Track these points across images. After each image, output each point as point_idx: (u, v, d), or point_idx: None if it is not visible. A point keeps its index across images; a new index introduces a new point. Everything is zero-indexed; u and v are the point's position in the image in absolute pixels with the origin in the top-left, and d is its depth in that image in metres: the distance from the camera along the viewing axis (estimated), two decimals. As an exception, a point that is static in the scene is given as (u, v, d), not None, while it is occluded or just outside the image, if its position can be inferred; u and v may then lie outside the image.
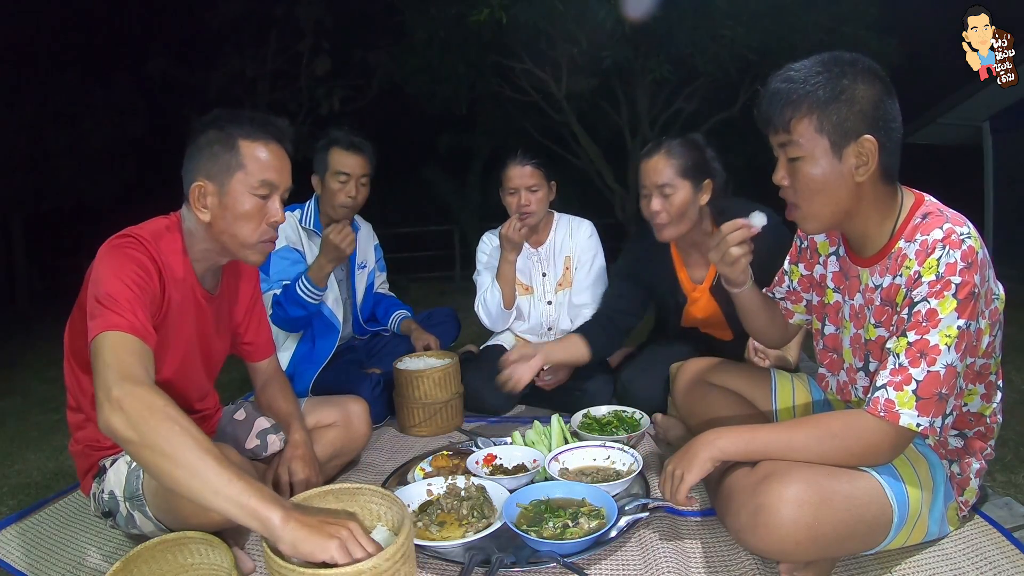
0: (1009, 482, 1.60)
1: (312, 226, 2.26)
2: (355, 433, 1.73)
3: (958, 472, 1.25)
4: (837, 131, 1.08)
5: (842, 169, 1.09)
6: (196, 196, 1.28)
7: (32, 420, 2.76)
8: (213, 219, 1.30)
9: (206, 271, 1.40)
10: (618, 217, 8.99)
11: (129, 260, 1.21)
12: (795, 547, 1.05)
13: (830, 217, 1.15)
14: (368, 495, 1.24)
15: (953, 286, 1.02)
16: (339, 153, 2.21)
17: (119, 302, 1.14)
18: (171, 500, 1.19)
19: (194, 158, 1.30)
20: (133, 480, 1.28)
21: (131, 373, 1.05)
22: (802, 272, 1.41)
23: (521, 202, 2.27)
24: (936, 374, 1.03)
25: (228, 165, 1.28)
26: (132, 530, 1.33)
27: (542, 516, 1.33)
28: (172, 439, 0.99)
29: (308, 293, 2.07)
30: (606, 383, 2.21)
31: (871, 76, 1.08)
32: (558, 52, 7.08)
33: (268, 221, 1.32)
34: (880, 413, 1.05)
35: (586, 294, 2.40)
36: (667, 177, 1.81)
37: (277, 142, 1.33)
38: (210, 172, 1.28)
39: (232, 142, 1.28)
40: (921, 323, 1.04)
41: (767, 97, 1.13)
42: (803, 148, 1.10)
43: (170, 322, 1.31)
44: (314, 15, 9.30)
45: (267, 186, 1.31)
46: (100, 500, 1.35)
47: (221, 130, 1.29)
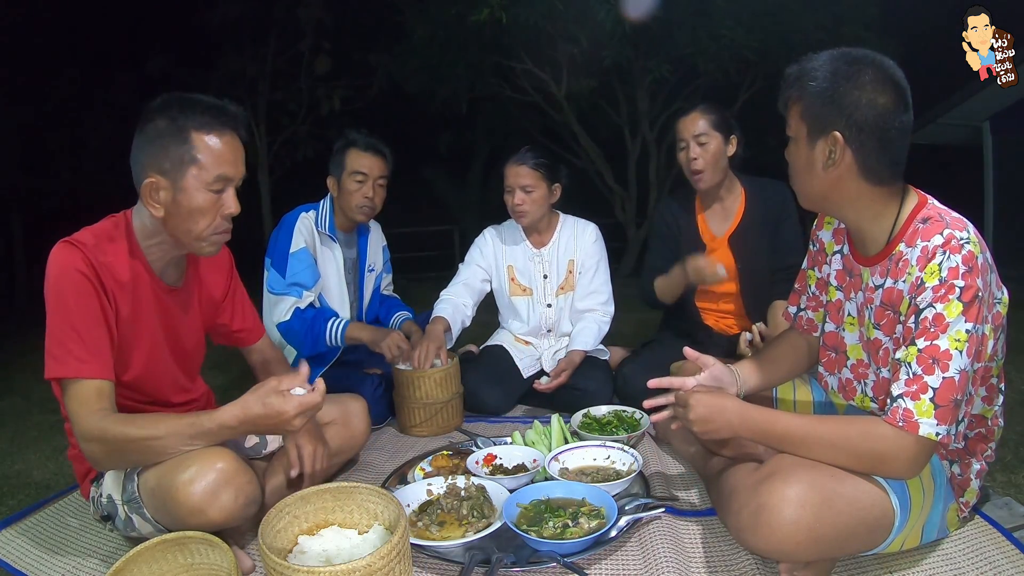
0: (1009, 482, 1.60)
1: (327, 230, 2.24)
2: (354, 431, 1.73)
3: (959, 473, 1.25)
4: (815, 122, 1.13)
5: (812, 158, 1.15)
6: (148, 193, 1.24)
7: (32, 420, 2.76)
8: (167, 215, 1.26)
9: (166, 265, 1.38)
10: (618, 217, 8.99)
11: (67, 286, 1.21)
12: (796, 547, 1.05)
13: (809, 196, 1.22)
14: (364, 494, 1.24)
15: (957, 290, 1.02)
16: (357, 154, 2.21)
17: (65, 344, 1.20)
18: (167, 500, 1.19)
19: (143, 150, 1.24)
20: (129, 484, 1.28)
21: (89, 423, 1.18)
22: (817, 275, 1.42)
23: (515, 201, 2.27)
24: (952, 380, 1.02)
25: (181, 159, 1.22)
26: (131, 532, 1.33)
27: (542, 516, 1.33)
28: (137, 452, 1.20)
29: (333, 341, 2.12)
30: (606, 383, 2.21)
31: (877, 82, 1.08)
32: (558, 52, 7.08)
33: (223, 214, 1.29)
34: (899, 423, 1.04)
35: (589, 300, 2.38)
36: (702, 128, 2.07)
37: (232, 131, 1.28)
38: (162, 167, 1.23)
39: (184, 135, 1.22)
40: (929, 329, 1.04)
41: (784, 78, 1.20)
42: (791, 129, 1.19)
43: (125, 323, 1.30)
44: (314, 15, 9.28)
45: (222, 180, 1.26)
46: (99, 504, 1.35)
47: (172, 121, 1.22)
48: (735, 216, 2.18)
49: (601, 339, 2.37)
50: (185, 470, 1.18)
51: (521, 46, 7.14)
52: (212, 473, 1.17)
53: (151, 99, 1.28)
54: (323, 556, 1.16)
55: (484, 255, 2.44)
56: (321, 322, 2.11)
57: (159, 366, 1.41)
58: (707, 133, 2.07)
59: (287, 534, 1.20)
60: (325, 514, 1.25)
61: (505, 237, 2.45)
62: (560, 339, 2.45)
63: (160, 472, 1.21)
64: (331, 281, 2.26)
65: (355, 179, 2.20)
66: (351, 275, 2.36)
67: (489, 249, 2.44)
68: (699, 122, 2.07)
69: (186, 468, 1.18)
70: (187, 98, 1.25)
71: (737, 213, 2.17)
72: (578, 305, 2.40)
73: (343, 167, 2.22)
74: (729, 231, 2.18)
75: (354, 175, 2.20)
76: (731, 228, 2.18)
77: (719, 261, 2.10)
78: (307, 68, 9.81)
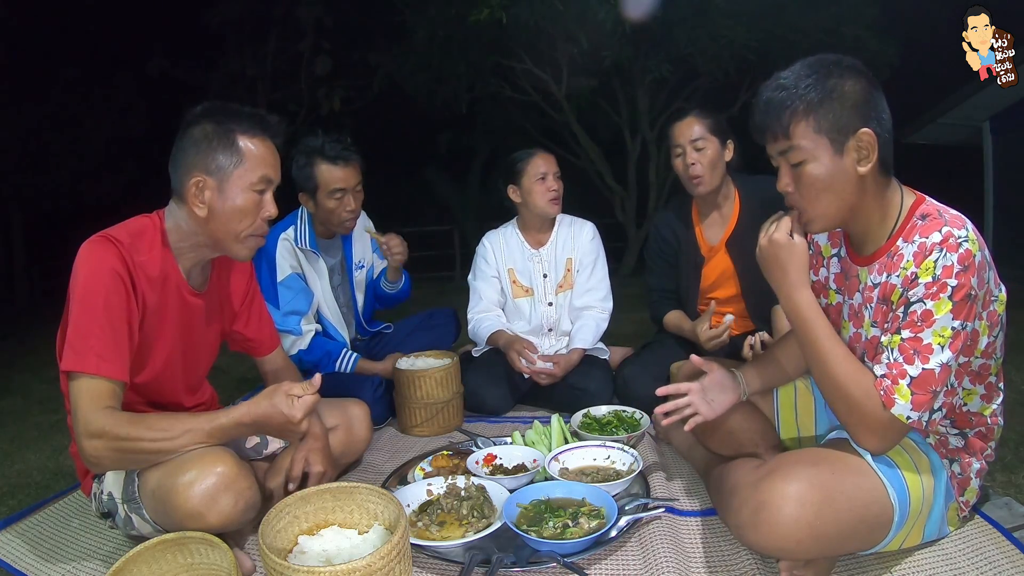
0: (1009, 482, 1.60)
1: (309, 246, 2.16)
2: (356, 437, 1.73)
3: (959, 472, 1.25)
4: (835, 128, 1.09)
5: (844, 164, 1.11)
6: (193, 192, 1.29)
7: (32, 420, 2.76)
8: (210, 214, 1.31)
9: (192, 267, 1.40)
10: (618, 217, 8.99)
11: (100, 283, 1.22)
12: (796, 545, 1.05)
13: (836, 214, 1.16)
14: (364, 494, 1.24)
15: (949, 288, 1.04)
16: (328, 168, 2.07)
17: (87, 340, 1.20)
18: (166, 503, 1.19)
19: (188, 152, 1.30)
20: (129, 484, 1.28)
21: (96, 419, 1.18)
22: (812, 278, 1.41)
23: (550, 186, 2.29)
24: (931, 372, 1.05)
25: (227, 160, 1.29)
26: (131, 531, 1.33)
27: (542, 516, 1.33)
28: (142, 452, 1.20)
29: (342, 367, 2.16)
30: (606, 383, 2.21)
31: (855, 72, 1.11)
32: (558, 52, 7.08)
33: (263, 216, 1.35)
34: (880, 392, 1.08)
35: (588, 297, 2.39)
36: (699, 132, 2.02)
37: (273, 137, 1.36)
38: (208, 167, 1.29)
39: (231, 137, 1.29)
40: (916, 323, 1.06)
41: (761, 108, 1.14)
42: (805, 151, 1.11)
43: (149, 323, 1.32)
44: (314, 15, 9.29)
45: (264, 182, 1.33)
46: (100, 501, 1.35)
47: (219, 124, 1.29)
48: (731, 219, 2.14)
49: (600, 336, 2.37)
50: (185, 473, 1.18)
51: (521, 46, 7.14)
52: (212, 477, 1.17)
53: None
54: (323, 556, 1.16)
55: (489, 263, 2.45)
56: (329, 364, 2.17)
57: (175, 368, 1.43)
58: (704, 137, 2.02)
59: (287, 534, 1.20)
60: (325, 514, 1.25)
61: (503, 241, 2.46)
62: (560, 338, 2.46)
63: (160, 474, 1.21)
64: (322, 295, 2.22)
65: (334, 197, 2.07)
66: (339, 278, 2.32)
67: (491, 256, 2.45)
68: (695, 127, 2.03)
69: (186, 471, 1.18)
70: (230, 106, 1.34)
71: (732, 217, 2.14)
72: (576, 302, 2.40)
73: (315, 183, 2.07)
74: (725, 236, 2.14)
75: (332, 193, 2.07)
76: (727, 233, 2.14)
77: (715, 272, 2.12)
78: (307, 68, 9.81)
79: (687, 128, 2.04)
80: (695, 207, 2.21)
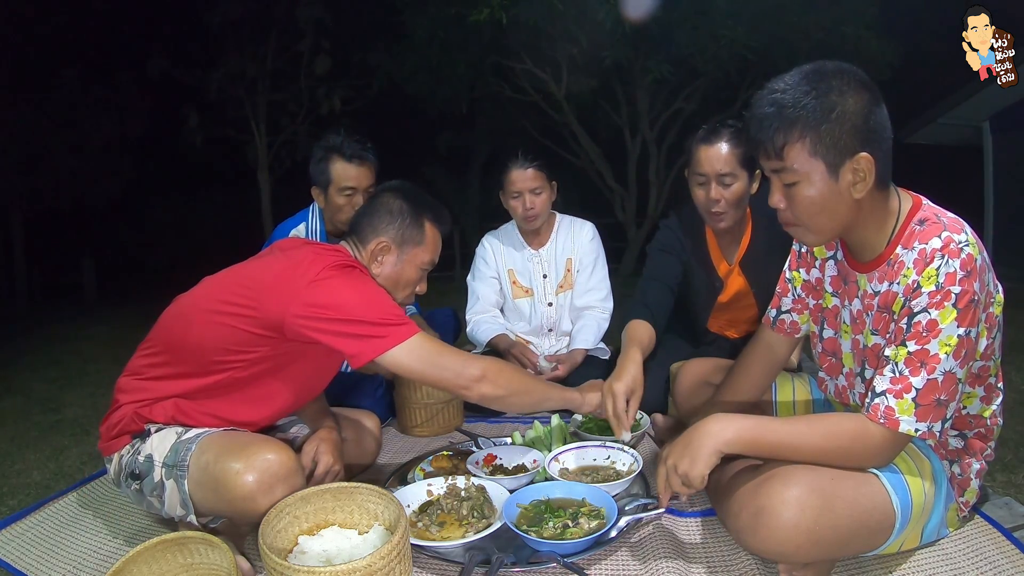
0: (1009, 482, 1.60)
1: (319, 240, 2.18)
2: (365, 450, 1.77)
3: (959, 473, 1.25)
4: (832, 152, 1.04)
5: (839, 188, 1.06)
6: (376, 250, 1.47)
7: (32, 420, 2.76)
8: (383, 274, 1.48)
9: None
10: (618, 217, 9.00)
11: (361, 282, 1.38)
12: (796, 549, 1.05)
13: (830, 232, 1.14)
14: (365, 494, 1.24)
15: (953, 296, 1.02)
16: (342, 165, 2.08)
17: (389, 317, 1.32)
18: (220, 480, 1.21)
19: (380, 217, 1.49)
20: (182, 450, 1.28)
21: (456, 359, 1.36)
22: (804, 277, 1.40)
23: (526, 206, 2.26)
24: (935, 381, 1.03)
25: (411, 238, 1.50)
26: (151, 498, 1.31)
27: (542, 516, 1.33)
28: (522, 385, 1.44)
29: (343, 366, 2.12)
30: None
31: (856, 86, 1.04)
32: (558, 52, 7.09)
33: (417, 291, 1.56)
34: (880, 420, 1.05)
35: (588, 296, 2.39)
36: (731, 167, 1.77)
37: (445, 232, 1.57)
38: (394, 236, 1.48)
39: (420, 220, 1.50)
40: (922, 334, 1.03)
41: (756, 122, 1.08)
42: (798, 173, 1.07)
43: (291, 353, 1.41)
44: (314, 15, 9.28)
45: (430, 265, 1.54)
46: (132, 462, 1.33)
47: (413, 205, 1.50)
48: (743, 239, 1.97)
49: (601, 336, 2.37)
50: (247, 457, 1.22)
51: (521, 46, 7.14)
52: (274, 466, 1.22)
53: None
54: (323, 556, 1.16)
55: (489, 264, 2.45)
56: None
57: (311, 389, 1.55)
58: (734, 173, 1.77)
59: (287, 534, 1.20)
60: (325, 514, 1.25)
61: (503, 241, 2.47)
62: (560, 338, 2.46)
63: (219, 449, 1.25)
64: None
65: (344, 194, 2.08)
66: None
67: (491, 257, 2.46)
68: (727, 159, 1.76)
69: (249, 455, 1.23)
70: (416, 189, 1.56)
71: (745, 236, 1.97)
72: (577, 302, 2.40)
73: (328, 178, 2.09)
74: (739, 256, 1.99)
75: (343, 190, 2.08)
76: (740, 252, 1.98)
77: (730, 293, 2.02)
78: (307, 68, 9.81)
79: (716, 159, 1.77)
80: (709, 229, 2.01)
